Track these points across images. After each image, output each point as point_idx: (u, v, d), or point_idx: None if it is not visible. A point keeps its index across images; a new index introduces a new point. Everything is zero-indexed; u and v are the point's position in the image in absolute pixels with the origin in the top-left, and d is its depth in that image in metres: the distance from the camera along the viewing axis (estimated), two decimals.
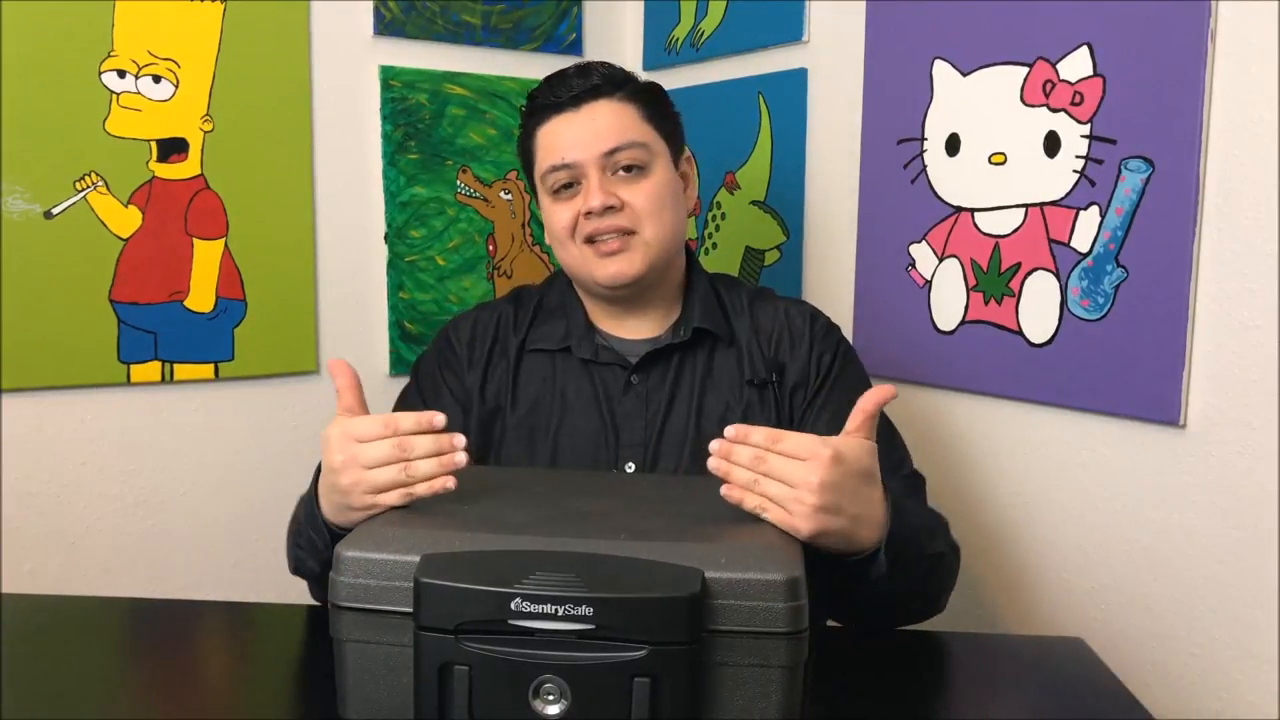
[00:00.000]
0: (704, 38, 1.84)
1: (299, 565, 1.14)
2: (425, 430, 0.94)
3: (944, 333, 1.47)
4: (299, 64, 1.71)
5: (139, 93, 1.60)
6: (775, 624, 0.78)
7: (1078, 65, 1.28)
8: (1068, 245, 1.31)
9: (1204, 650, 1.21)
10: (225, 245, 1.68)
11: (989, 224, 1.40)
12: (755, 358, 1.26)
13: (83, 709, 0.90)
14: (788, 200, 1.71)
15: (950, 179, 1.45)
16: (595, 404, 1.25)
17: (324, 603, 0.96)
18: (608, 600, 0.76)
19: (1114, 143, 1.25)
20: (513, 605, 0.77)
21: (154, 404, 1.66)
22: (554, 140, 1.25)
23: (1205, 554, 1.21)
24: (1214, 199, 1.17)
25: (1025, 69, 1.34)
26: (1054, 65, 1.31)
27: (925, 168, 1.48)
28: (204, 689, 0.99)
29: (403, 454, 0.93)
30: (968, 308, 1.44)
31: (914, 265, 1.50)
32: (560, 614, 0.76)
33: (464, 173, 1.86)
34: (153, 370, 1.64)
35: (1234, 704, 1.19)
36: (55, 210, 1.56)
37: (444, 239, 1.86)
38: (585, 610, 0.76)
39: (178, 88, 1.62)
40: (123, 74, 1.58)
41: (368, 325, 1.82)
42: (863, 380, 1.27)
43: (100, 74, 1.57)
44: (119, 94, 1.58)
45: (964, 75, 1.42)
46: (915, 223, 1.49)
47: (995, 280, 1.40)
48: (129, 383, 1.63)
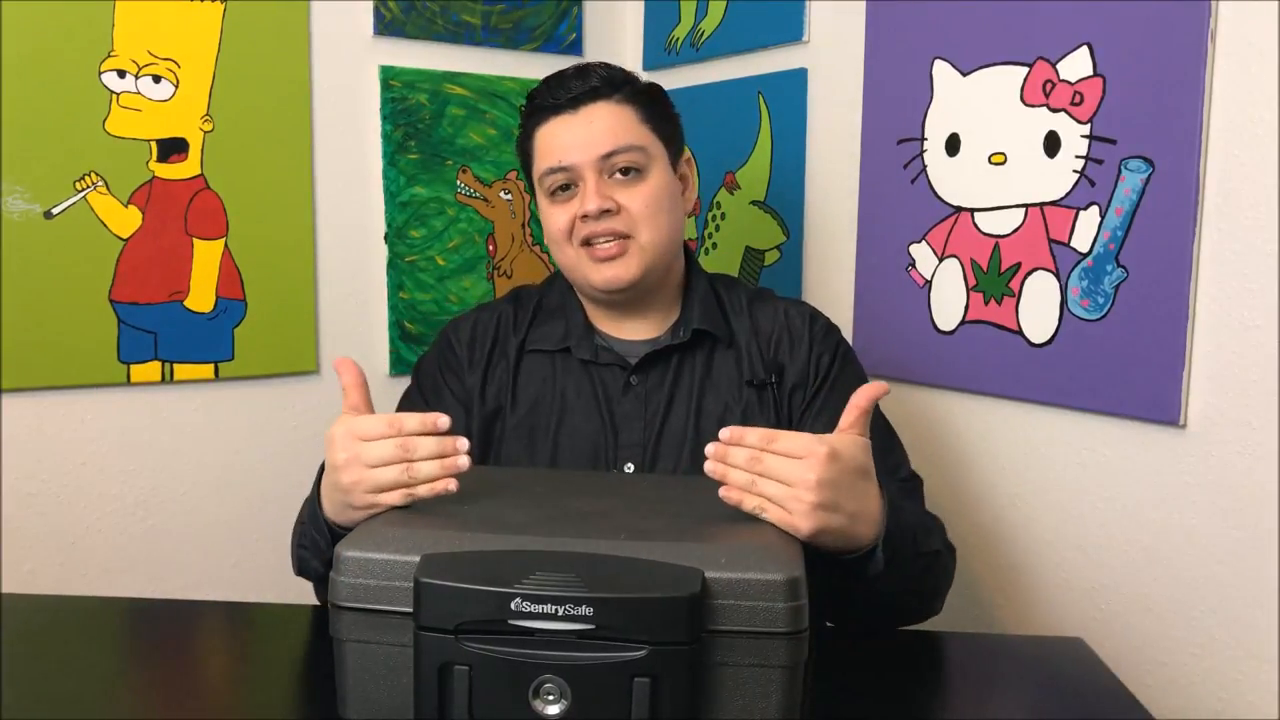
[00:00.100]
0: (704, 38, 1.84)
1: (303, 566, 1.14)
2: (429, 432, 0.94)
3: (944, 333, 1.47)
4: (299, 64, 1.71)
5: (139, 93, 1.60)
6: (775, 624, 0.79)
7: (1078, 65, 1.28)
8: (1068, 245, 1.31)
9: (1204, 650, 1.21)
10: (225, 245, 1.68)
11: (989, 224, 1.40)
12: (754, 358, 1.26)
13: (83, 709, 0.90)
14: (788, 200, 1.71)
15: (950, 179, 1.45)
16: (595, 404, 1.25)
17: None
18: (608, 600, 0.76)
19: (1114, 143, 1.25)
20: (513, 605, 0.77)
21: (154, 404, 1.66)
22: (552, 142, 1.24)
23: (1205, 554, 1.21)
24: (1214, 199, 1.17)
25: (1025, 69, 1.34)
26: (1054, 65, 1.31)
27: (925, 168, 1.48)
28: (204, 689, 0.99)
29: (406, 454, 0.93)
30: (968, 308, 1.44)
31: (914, 265, 1.50)
32: (560, 614, 0.76)
33: (464, 173, 1.86)
34: (153, 370, 1.64)
35: (1234, 704, 1.19)
36: (55, 210, 1.56)
37: (444, 239, 1.86)
38: (585, 610, 0.76)
39: (178, 88, 1.62)
40: (123, 74, 1.58)
41: (368, 325, 1.82)
42: (861, 381, 1.26)
43: (100, 74, 1.57)
44: (119, 94, 1.58)
45: (964, 75, 1.42)
46: (915, 223, 1.49)
47: (995, 280, 1.39)
48: (129, 383, 1.63)
